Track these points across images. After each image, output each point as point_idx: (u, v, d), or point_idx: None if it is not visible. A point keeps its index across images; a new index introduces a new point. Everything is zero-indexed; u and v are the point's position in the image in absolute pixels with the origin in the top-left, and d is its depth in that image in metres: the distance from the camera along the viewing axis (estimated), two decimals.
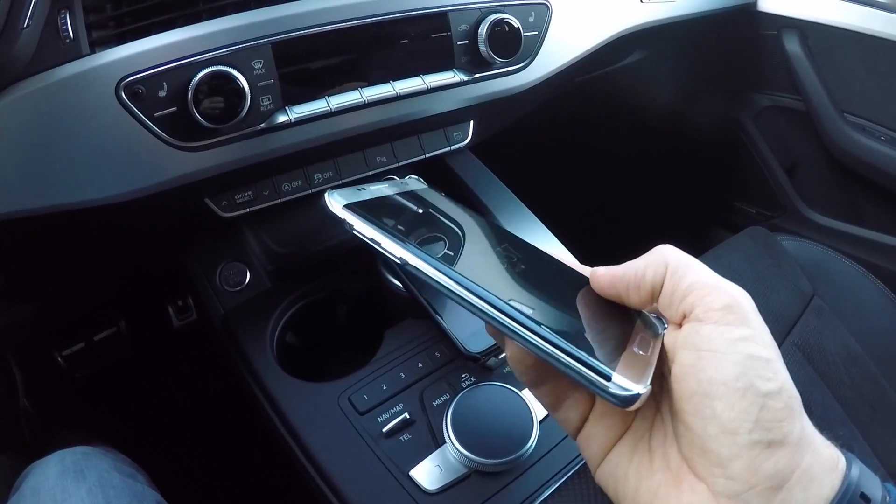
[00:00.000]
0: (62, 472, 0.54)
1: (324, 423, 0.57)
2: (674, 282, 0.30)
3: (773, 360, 0.27)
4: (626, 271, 0.32)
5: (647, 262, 0.32)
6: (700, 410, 0.27)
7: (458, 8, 0.64)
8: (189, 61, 0.54)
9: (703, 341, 0.28)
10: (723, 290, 0.29)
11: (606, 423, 0.33)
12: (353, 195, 0.37)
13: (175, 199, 0.59)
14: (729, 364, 0.27)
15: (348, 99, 0.60)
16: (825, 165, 1.09)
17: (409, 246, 0.33)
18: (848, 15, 0.95)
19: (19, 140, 0.51)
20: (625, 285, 0.32)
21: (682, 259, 0.31)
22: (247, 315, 0.67)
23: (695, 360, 0.28)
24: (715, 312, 0.28)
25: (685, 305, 0.29)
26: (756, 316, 0.29)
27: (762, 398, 0.26)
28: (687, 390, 0.28)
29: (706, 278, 0.30)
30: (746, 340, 0.27)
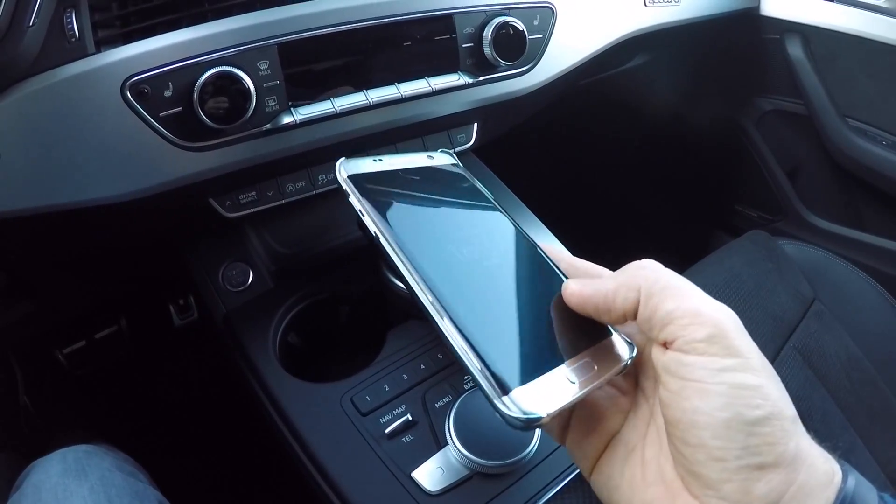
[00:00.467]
0: (64, 470, 0.54)
1: (326, 424, 0.57)
2: (650, 308, 0.29)
3: (761, 386, 0.27)
4: (596, 292, 0.31)
5: (619, 284, 0.30)
6: (686, 438, 0.27)
7: (464, 11, 0.64)
8: (195, 61, 0.54)
9: (687, 371, 0.27)
10: (704, 318, 0.28)
11: (586, 431, 0.32)
12: (365, 166, 0.37)
13: (179, 199, 0.59)
14: (713, 395, 0.26)
15: (353, 100, 0.60)
16: (826, 169, 1.09)
17: (386, 224, 0.34)
18: (850, 19, 0.95)
19: (24, 138, 0.51)
20: (594, 306, 0.31)
21: (658, 282, 0.29)
22: (249, 315, 0.67)
23: (679, 389, 0.27)
24: (698, 344, 0.27)
25: (666, 334, 0.28)
26: (743, 340, 0.28)
27: (749, 426, 0.26)
28: (673, 417, 0.28)
29: (686, 304, 0.28)
30: (731, 371, 0.27)
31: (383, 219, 0.34)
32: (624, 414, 0.32)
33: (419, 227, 0.34)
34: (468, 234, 0.35)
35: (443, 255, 0.33)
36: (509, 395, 0.27)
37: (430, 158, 0.41)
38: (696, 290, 0.29)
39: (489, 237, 0.36)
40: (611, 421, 0.32)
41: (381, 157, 0.39)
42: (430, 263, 0.32)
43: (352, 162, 0.37)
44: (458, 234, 0.35)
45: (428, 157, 0.41)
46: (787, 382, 0.74)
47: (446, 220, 0.36)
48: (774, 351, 0.73)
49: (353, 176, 0.36)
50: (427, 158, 0.41)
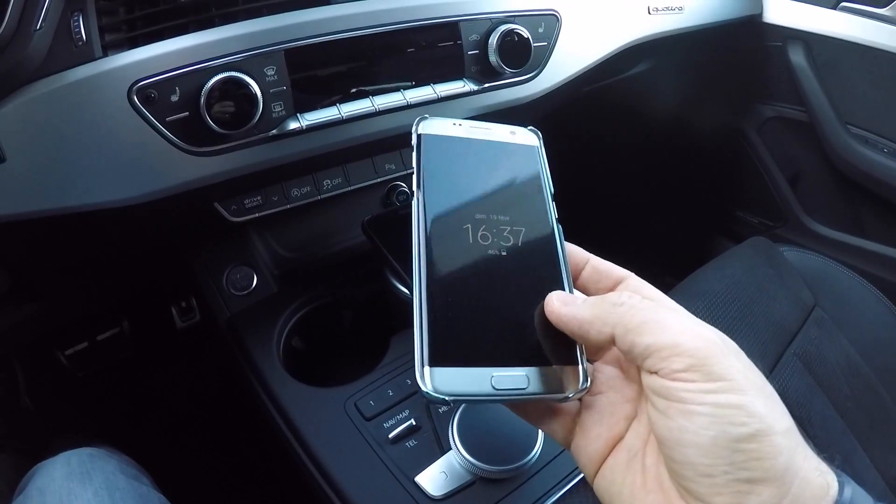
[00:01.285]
0: (68, 473, 0.54)
1: (330, 429, 0.57)
2: (627, 343, 0.29)
3: (746, 404, 0.27)
4: (572, 318, 0.31)
5: (594, 317, 0.31)
6: (674, 455, 0.28)
7: (470, 18, 0.64)
8: (202, 67, 0.54)
9: (671, 393, 0.28)
10: (683, 348, 0.28)
11: (591, 436, 0.32)
12: (442, 127, 0.37)
13: (185, 203, 0.60)
14: (697, 414, 0.27)
15: (359, 107, 0.61)
16: (828, 176, 1.09)
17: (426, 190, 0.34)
18: (853, 27, 0.96)
19: (31, 142, 0.52)
20: (569, 329, 0.32)
21: (634, 318, 0.29)
22: (253, 319, 0.67)
23: (665, 408, 0.28)
24: (679, 374, 0.27)
25: (647, 366, 0.29)
26: (724, 364, 0.28)
27: (734, 443, 0.26)
28: (660, 435, 0.28)
29: (663, 338, 0.28)
30: (716, 392, 0.27)
31: (427, 183, 0.34)
32: (628, 420, 0.32)
33: (454, 201, 0.35)
34: (497, 220, 0.35)
35: (458, 234, 0.33)
36: (431, 369, 0.29)
37: (513, 134, 0.39)
38: (674, 319, 0.29)
39: (514, 229, 0.35)
40: (615, 427, 0.32)
41: (462, 122, 0.38)
42: (441, 236, 0.33)
43: (431, 121, 0.37)
44: (487, 218, 0.35)
45: (511, 132, 0.39)
46: (787, 388, 0.74)
47: (486, 201, 0.36)
48: (775, 357, 0.73)
49: (425, 135, 0.36)
50: (509, 134, 0.39)
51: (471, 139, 0.37)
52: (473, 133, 0.38)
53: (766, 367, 0.71)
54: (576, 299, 0.32)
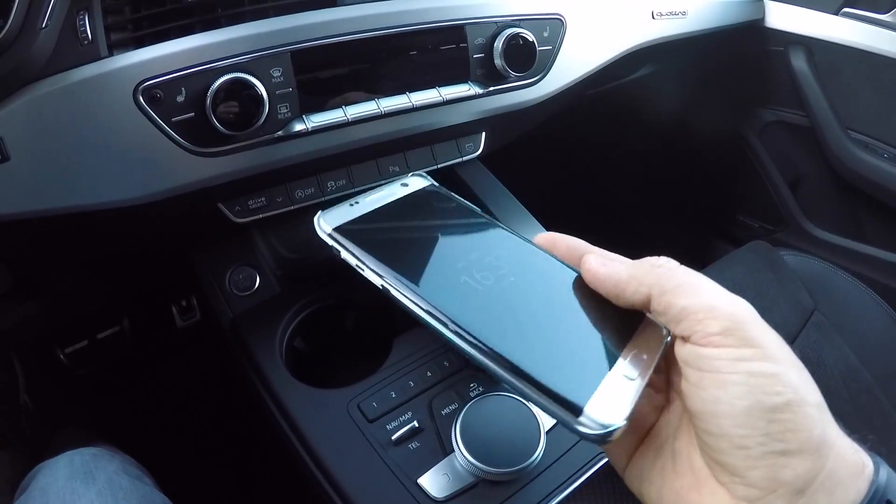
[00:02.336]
0: (71, 473, 0.55)
1: (333, 430, 0.57)
2: (663, 304, 0.29)
3: (780, 373, 0.26)
4: (609, 276, 0.31)
5: (630, 276, 0.31)
6: (709, 428, 0.27)
7: (475, 21, 0.64)
8: (208, 67, 0.54)
9: (704, 362, 0.27)
10: (718, 312, 0.28)
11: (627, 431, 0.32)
12: (344, 214, 0.35)
13: (189, 203, 0.60)
14: (731, 384, 0.26)
15: (365, 109, 0.61)
16: (828, 181, 1.10)
17: (390, 271, 0.32)
18: (854, 33, 0.96)
19: (35, 140, 0.52)
20: (604, 289, 0.31)
21: (672, 279, 0.29)
22: (256, 320, 0.67)
23: (698, 379, 0.28)
24: (713, 337, 0.27)
25: (681, 329, 0.29)
26: (759, 330, 0.28)
27: (769, 413, 0.26)
28: (694, 408, 0.28)
29: (699, 300, 0.28)
30: (748, 360, 0.27)
31: (385, 268, 0.32)
32: (658, 410, 0.33)
33: (425, 267, 0.33)
34: (474, 257, 0.34)
35: (462, 291, 0.32)
36: (584, 414, 0.27)
37: (405, 186, 0.38)
38: (710, 284, 0.29)
39: (495, 255, 0.34)
40: (646, 418, 0.33)
41: (357, 200, 0.37)
42: (454, 305, 0.31)
43: (329, 213, 0.35)
44: (464, 261, 0.34)
45: (402, 185, 0.38)
46: None
47: (448, 250, 0.34)
48: None
49: (337, 228, 0.34)
50: (402, 187, 0.38)
51: (378, 209, 0.36)
52: (374, 203, 0.37)
53: None
54: (613, 260, 0.32)
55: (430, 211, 0.37)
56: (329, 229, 0.34)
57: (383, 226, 0.36)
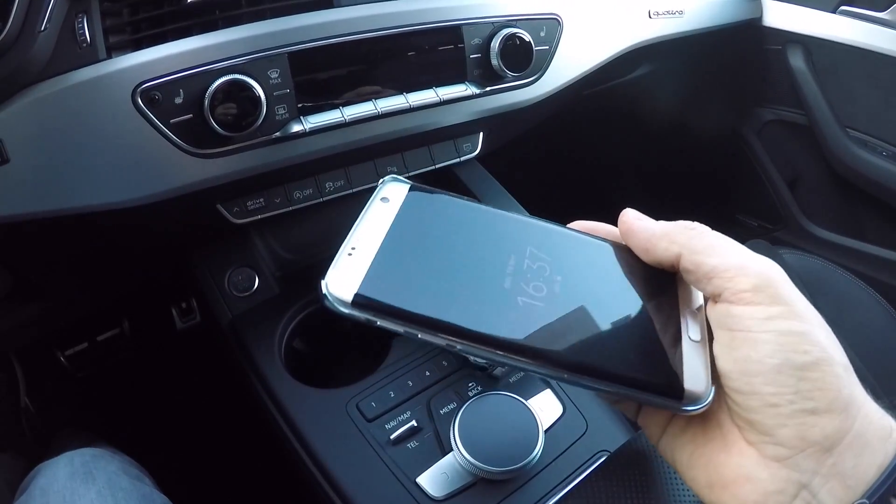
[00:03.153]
0: (71, 473, 0.55)
1: (331, 430, 0.57)
2: (694, 263, 0.30)
3: (808, 332, 0.27)
4: (642, 230, 0.33)
5: (664, 233, 0.32)
6: (740, 387, 0.28)
7: (472, 22, 0.64)
8: (206, 69, 0.54)
9: (735, 322, 0.28)
10: (749, 269, 0.28)
11: None
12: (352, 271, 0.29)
13: (187, 205, 0.60)
14: (762, 342, 0.27)
15: (362, 110, 0.61)
16: (827, 180, 1.10)
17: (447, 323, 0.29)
18: (852, 31, 0.96)
19: (34, 143, 0.52)
20: (635, 241, 0.33)
21: (703, 240, 0.30)
22: (255, 320, 0.67)
23: (729, 340, 0.28)
24: (744, 294, 0.28)
25: (712, 287, 0.29)
26: (788, 288, 0.28)
27: (799, 371, 0.26)
28: (725, 368, 0.29)
29: (730, 259, 0.29)
30: (778, 318, 0.27)
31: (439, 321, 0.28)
32: None
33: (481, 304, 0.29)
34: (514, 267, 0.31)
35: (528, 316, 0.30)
36: (685, 396, 0.29)
37: (386, 202, 0.32)
38: (739, 246, 0.30)
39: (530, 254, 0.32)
40: None
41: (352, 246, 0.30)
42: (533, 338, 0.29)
43: (335, 279, 0.29)
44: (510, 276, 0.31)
45: (382, 200, 0.33)
46: None
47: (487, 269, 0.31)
48: None
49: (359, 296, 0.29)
50: (383, 204, 0.32)
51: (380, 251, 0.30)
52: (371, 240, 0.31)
53: None
54: (648, 218, 0.33)
55: (433, 224, 0.32)
56: (349, 298, 0.28)
57: (402, 268, 0.30)
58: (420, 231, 0.32)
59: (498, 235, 0.33)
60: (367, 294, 0.29)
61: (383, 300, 0.28)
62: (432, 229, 0.32)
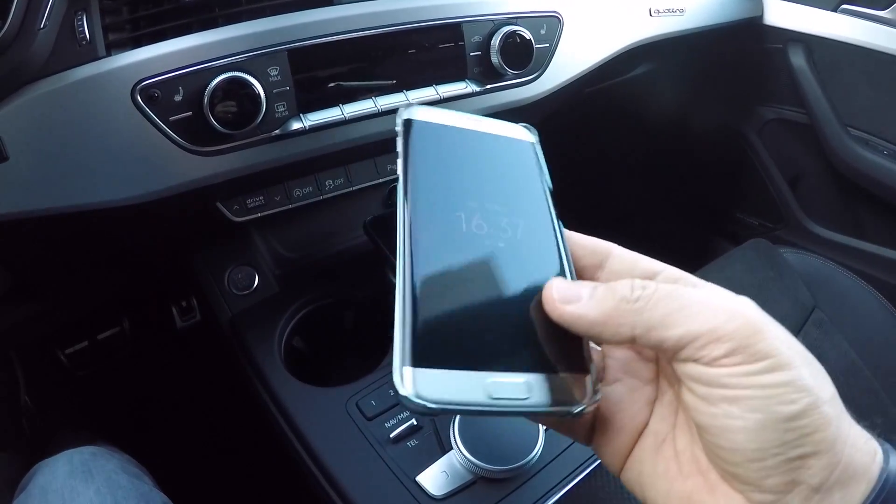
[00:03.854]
0: (70, 472, 0.55)
1: (331, 428, 0.57)
2: (654, 340, 0.26)
3: (793, 380, 0.25)
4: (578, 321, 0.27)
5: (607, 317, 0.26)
6: (720, 442, 0.26)
7: (472, 19, 0.64)
8: (205, 66, 0.54)
9: (713, 378, 0.25)
10: (720, 333, 0.25)
11: (614, 429, 0.30)
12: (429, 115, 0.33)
13: (187, 202, 0.60)
14: (744, 398, 0.25)
15: (362, 107, 0.61)
16: (828, 178, 1.10)
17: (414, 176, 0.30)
18: (853, 30, 0.96)
19: (34, 140, 0.52)
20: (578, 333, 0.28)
21: (656, 309, 0.26)
22: (255, 319, 0.67)
23: (706, 394, 0.26)
24: (721, 360, 0.25)
25: (682, 356, 0.26)
26: (767, 339, 0.25)
27: (785, 423, 0.24)
28: (702, 423, 0.26)
29: (696, 326, 0.25)
30: (759, 374, 0.25)
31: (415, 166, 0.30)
32: (650, 405, 0.30)
33: (445, 186, 0.31)
34: (493, 210, 0.31)
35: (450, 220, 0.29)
36: (413, 369, 0.24)
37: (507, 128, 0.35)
38: (701, 297, 0.26)
39: (511, 220, 0.31)
40: (637, 415, 0.30)
41: (452, 112, 0.34)
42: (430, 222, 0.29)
43: (418, 108, 0.33)
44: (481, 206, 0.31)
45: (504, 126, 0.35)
46: None
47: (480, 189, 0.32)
48: None
49: (413, 121, 0.32)
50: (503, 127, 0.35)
51: (462, 129, 0.33)
52: (464, 123, 0.34)
53: None
54: (580, 293, 0.27)
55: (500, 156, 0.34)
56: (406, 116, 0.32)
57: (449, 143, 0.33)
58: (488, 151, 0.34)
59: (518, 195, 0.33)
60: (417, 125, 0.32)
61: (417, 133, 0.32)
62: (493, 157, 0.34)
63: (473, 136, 0.34)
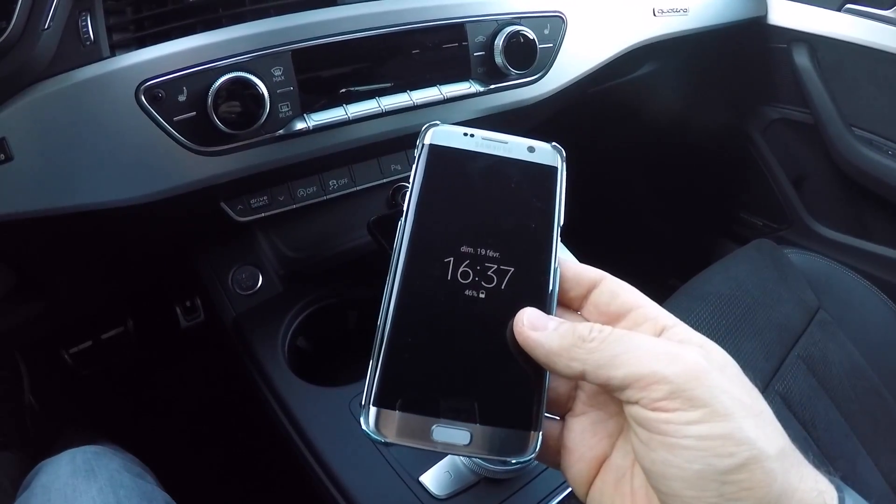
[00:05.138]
0: (73, 470, 0.55)
1: (335, 428, 0.57)
2: (602, 378, 0.27)
3: (731, 432, 0.25)
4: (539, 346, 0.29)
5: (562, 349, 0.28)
6: (660, 487, 0.26)
7: (476, 20, 0.64)
8: (209, 67, 0.54)
9: (653, 425, 0.26)
10: (661, 376, 0.26)
11: (575, 457, 0.31)
12: (452, 138, 0.33)
13: (191, 203, 0.60)
14: (681, 447, 0.25)
15: (366, 107, 0.61)
16: (832, 179, 1.09)
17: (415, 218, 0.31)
18: (857, 29, 0.96)
19: (38, 141, 0.52)
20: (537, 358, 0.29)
21: (605, 352, 0.27)
22: (258, 319, 0.67)
23: (647, 439, 0.26)
24: (660, 403, 0.26)
25: (626, 397, 0.27)
26: (706, 386, 0.26)
27: (722, 475, 0.25)
28: (644, 467, 0.27)
29: (639, 368, 0.26)
30: (697, 423, 0.25)
31: (420, 204, 0.31)
32: (612, 438, 0.31)
33: (443, 228, 0.31)
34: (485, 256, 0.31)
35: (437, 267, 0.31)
36: (377, 409, 0.28)
37: (531, 151, 0.34)
38: (649, 345, 0.27)
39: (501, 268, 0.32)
40: (597, 447, 0.31)
41: (475, 133, 0.33)
42: (419, 266, 0.30)
43: (442, 130, 0.33)
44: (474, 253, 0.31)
45: (529, 148, 0.34)
46: (790, 391, 0.74)
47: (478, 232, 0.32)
48: (779, 359, 0.73)
49: (434, 146, 0.33)
50: (527, 151, 0.34)
51: (482, 154, 0.33)
52: (486, 147, 0.33)
53: (770, 369, 0.71)
54: (547, 323, 0.30)
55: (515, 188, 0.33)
56: (428, 142, 0.33)
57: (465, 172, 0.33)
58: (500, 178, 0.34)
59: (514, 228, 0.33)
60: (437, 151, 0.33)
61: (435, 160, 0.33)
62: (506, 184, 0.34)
63: (492, 163, 0.33)
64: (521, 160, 0.34)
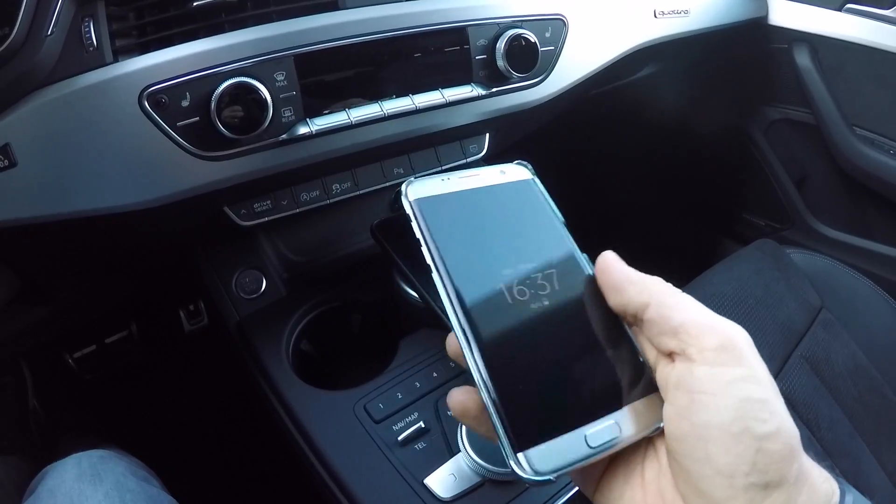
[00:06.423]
0: (79, 475, 0.55)
1: (339, 431, 0.57)
2: (662, 315, 0.29)
3: (769, 399, 0.26)
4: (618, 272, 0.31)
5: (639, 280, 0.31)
6: (694, 453, 0.27)
7: (477, 23, 0.64)
8: (212, 72, 0.54)
9: (697, 383, 0.27)
10: (716, 329, 0.28)
11: None
12: (431, 188, 0.34)
13: (195, 207, 0.60)
14: (723, 408, 0.26)
15: (368, 112, 0.61)
16: (834, 178, 1.09)
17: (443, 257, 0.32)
18: (858, 29, 0.96)
19: (42, 147, 0.52)
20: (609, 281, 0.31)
21: (672, 296, 0.30)
22: (262, 322, 0.67)
23: (688, 403, 0.27)
24: (709, 353, 0.27)
25: (676, 342, 0.28)
26: (752, 353, 0.28)
27: (758, 441, 0.26)
28: (680, 432, 0.28)
29: (698, 317, 0.28)
30: (741, 381, 0.26)
31: (441, 250, 0.32)
32: None
33: (477, 264, 0.32)
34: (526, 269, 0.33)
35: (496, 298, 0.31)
36: (524, 453, 0.27)
37: (503, 174, 0.36)
38: (708, 310, 0.29)
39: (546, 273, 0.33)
40: None
41: (450, 176, 0.35)
42: (480, 307, 0.31)
43: (419, 183, 0.34)
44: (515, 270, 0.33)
45: (501, 172, 0.37)
46: (794, 390, 0.74)
47: (507, 253, 0.33)
48: (782, 359, 0.73)
49: (420, 200, 0.33)
50: (500, 174, 0.36)
51: (464, 191, 0.35)
52: (465, 184, 0.35)
53: (773, 369, 0.71)
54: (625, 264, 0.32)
55: (508, 208, 0.36)
56: (413, 198, 0.33)
57: (461, 210, 0.34)
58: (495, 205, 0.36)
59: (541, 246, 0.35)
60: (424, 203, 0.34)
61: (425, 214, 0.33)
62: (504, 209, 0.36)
63: (478, 195, 0.35)
64: (500, 184, 0.36)
